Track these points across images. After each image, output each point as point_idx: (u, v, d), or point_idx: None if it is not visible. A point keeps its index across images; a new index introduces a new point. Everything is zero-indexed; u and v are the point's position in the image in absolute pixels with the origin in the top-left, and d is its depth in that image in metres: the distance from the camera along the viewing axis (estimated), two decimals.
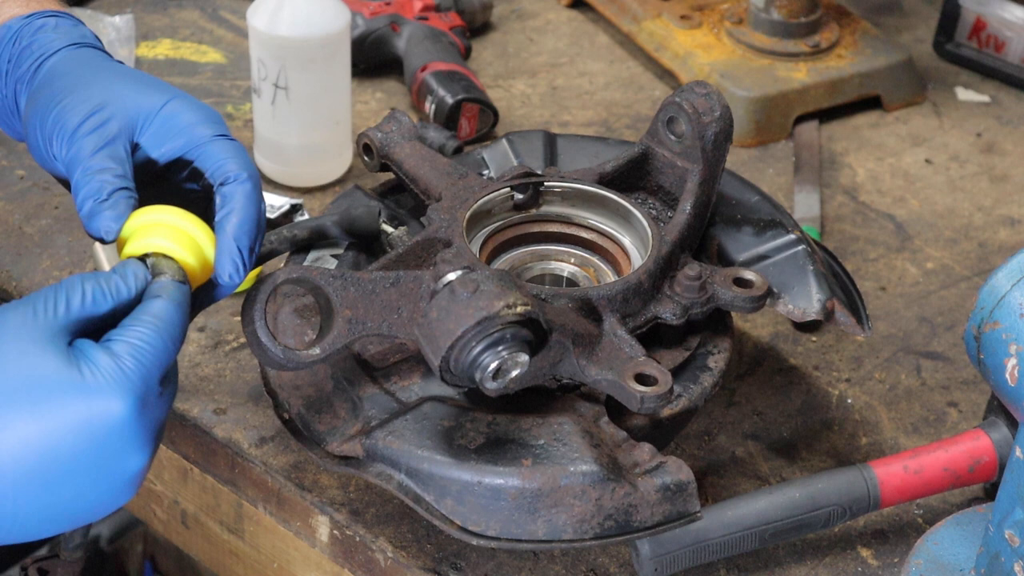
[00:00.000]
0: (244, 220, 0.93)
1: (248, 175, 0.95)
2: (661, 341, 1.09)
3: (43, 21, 1.03)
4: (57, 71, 0.99)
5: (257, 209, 0.95)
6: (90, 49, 1.02)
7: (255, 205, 0.94)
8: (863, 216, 1.49)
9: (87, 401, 0.81)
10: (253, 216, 0.94)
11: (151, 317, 0.85)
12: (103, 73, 0.99)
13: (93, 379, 0.81)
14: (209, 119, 0.98)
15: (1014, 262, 0.96)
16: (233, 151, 0.96)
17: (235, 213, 0.93)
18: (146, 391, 0.83)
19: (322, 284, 0.97)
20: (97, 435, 0.81)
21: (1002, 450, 1.09)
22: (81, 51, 1.01)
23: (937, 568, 1.04)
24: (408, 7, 1.63)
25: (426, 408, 1.01)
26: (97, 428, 0.81)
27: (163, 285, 0.88)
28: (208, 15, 1.74)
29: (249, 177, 0.95)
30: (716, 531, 1.04)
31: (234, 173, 0.95)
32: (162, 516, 1.29)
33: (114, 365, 0.82)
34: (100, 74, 0.98)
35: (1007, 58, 1.71)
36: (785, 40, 1.64)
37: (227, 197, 0.94)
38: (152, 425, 0.84)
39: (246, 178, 0.95)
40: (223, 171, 0.95)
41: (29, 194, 1.43)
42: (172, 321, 0.86)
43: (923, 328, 1.34)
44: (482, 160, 1.24)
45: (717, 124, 1.13)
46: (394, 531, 1.10)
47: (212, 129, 0.97)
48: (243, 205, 0.94)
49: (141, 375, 0.83)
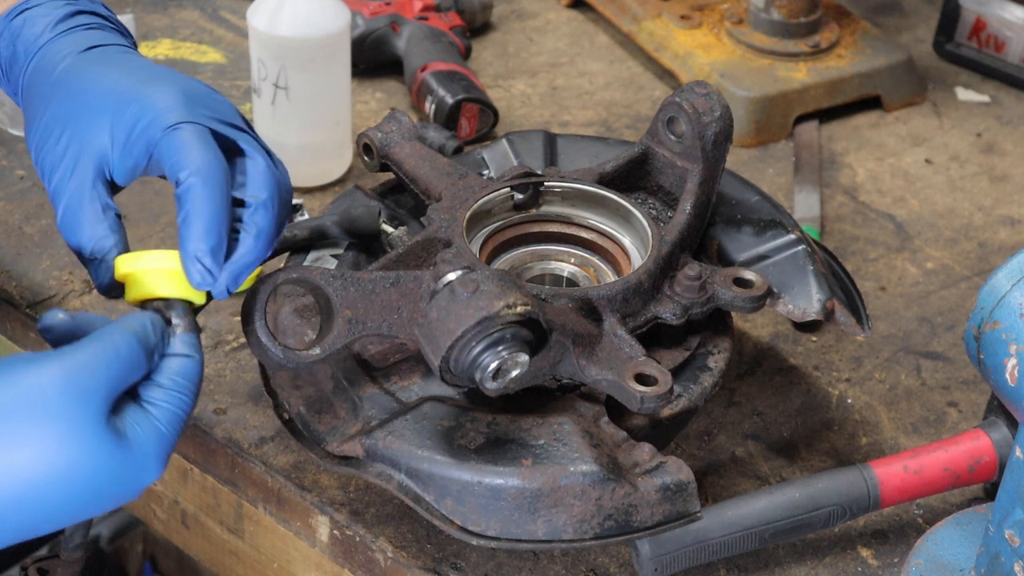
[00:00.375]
0: (198, 225, 0.89)
1: (194, 170, 0.89)
2: (661, 341, 1.09)
3: (22, 18, 1.00)
4: (33, 87, 0.98)
5: (212, 207, 0.89)
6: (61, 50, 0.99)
7: (209, 204, 0.89)
8: (863, 216, 1.49)
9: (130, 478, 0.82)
10: (209, 216, 0.89)
11: (186, 381, 0.86)
12: (71, 97, 0.96)
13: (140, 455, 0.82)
14: (170, 108, 0.93)
15: (1014, 262, 0.96)
16: (181, 144, 0.91)
17: (189, 219, 0.89)
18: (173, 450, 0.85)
19: (322, 284, 0.97)
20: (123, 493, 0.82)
21: (1002, 450, 1.09)
22: (52, 58, 0.98)
23: (937, 568, 1.04)
24: (408, 7, 1.63)
25: (426, 408, 1.01)
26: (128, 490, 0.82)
27: (185, 341, 0.88)
28: (208, 15, 1.74)
29: (195, 173, 0.89)
30: (716, 531, 1.04)
31: (184, 174, 0.90)
32: (162, 516, 1.29)
33: (157, 440, 0.83)
34: (67, 100, 0.96)
35: (1007, 58, 1.71)
36: (785, 40, 1.64)
37: (180, 201, 0.90)
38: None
39: (193, 176, 0.89)
40: (173, 172, 0.91)
41: (29, 194, 1.43)
42: (198, 381, 0.87)
43: (923, 328, 1.34)
44: (482, 160, 1.24)
45: (717, 124, 1.13)
46: (394, 531, 1.10)
47: (167, 119, 0.92)
48: (196, 208, 0.89)
49: (174, 441, 0.84)
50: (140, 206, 1.41)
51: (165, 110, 0.93)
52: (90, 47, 0.99)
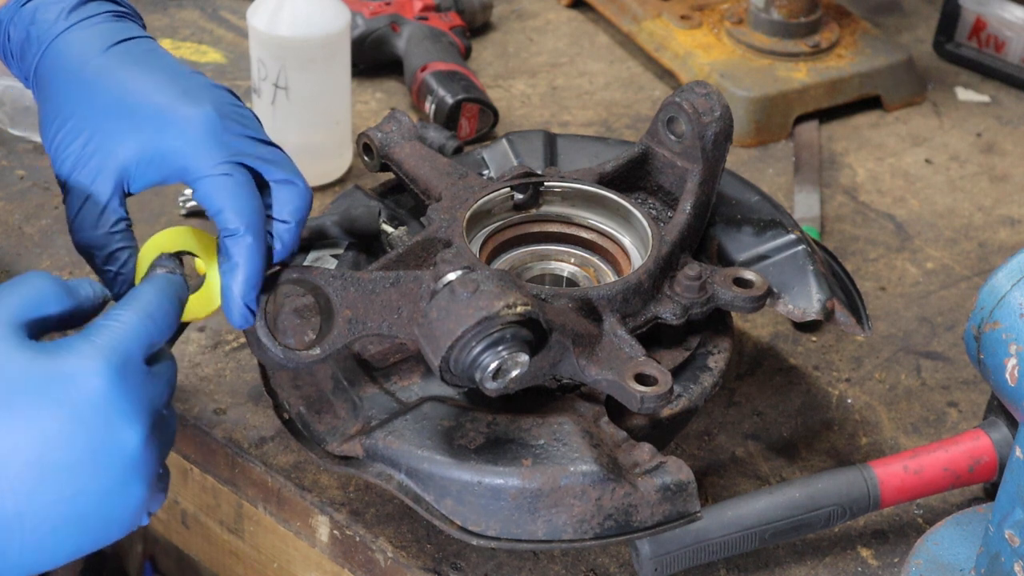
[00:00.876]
0: (248, 276, 0.94)
1: (246, 228, 0.93)
2: (661, 341, 1.09)
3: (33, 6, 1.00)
4: (55, 79, 0.98)
5: (260, 260, 0.94)
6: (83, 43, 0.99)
7: (256, 256, 0.94)
8: (863, 216, 1.49)
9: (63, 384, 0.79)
10: (258, 269, 0.94)
11: (127, 299, 0.85)
12: (103, 106, 0.96)
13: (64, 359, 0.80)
14: (207, 140, 0.95)
15: (1014, 262, 0.96)
16: (227, 197, 0.94)
17: (240, 269, 0.94)
18: (123, 362, 0.81)
19: (322, 284, 0.97)
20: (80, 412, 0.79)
21: (1002, 450, 1.09)
22: (75, 50, 0.98)
23: (937, 568, 1.04)
24: (408, 7, 1.63)
25: (426, 408, 1.01)
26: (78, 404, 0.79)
27: (151, 277, 0.89)
28: (208, 15, 1.74)
29: (247, 231, 0.93)
30: (716, 531, 1.04)
31: (232, 227, 0.94)
32: (162, 516, 1.29)
33: (83, 340, 0.81)
34: (99, 108, 0.96)
35: (1007, 58, 1.71)
36: (785, 40, 1.64)
37: (229, 251, 0.94)
38: (140, 399, 0.82)
39: (244, 233, 0.93)
40: (222, 222, 0.94)
41: (29, 194, 1.43)
42: (149, 300, 0.86)
43: (923, 328, 1.34)
44: (482, 160, 1.24)
45: (717, 124, 1.13)
46: (394, 531, 1.10)
47: (209, 160, 0.94)
48: (246, 260, 0.94)
49: (112, 346, 0.81)
50: (140, 205, 1.41)
51: (203, 144, 0.95)
52: (116, 42, 0.99)
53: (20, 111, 1.49)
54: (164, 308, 0.87)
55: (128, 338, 0.83)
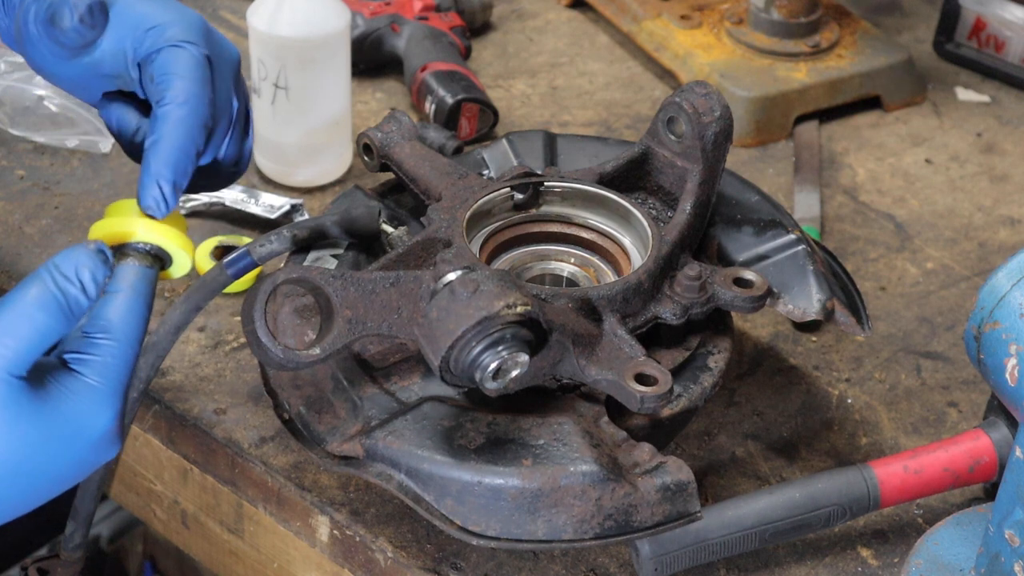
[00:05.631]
0: (169, 151, 0.86)
1: (185, 99, 0.86)
2: (661, 341, 1.09)
3: None
4: None
5: (187, 138, 0.86)
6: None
7: (185, 133, 0.86)
8: (863, 216, 1.49)
9: (70, 444, 0.77)
10: (180, 145, 0.86)
11: (119, 322, 0.80)
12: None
13: (71, 416, 0.77)
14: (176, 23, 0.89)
15: (1014, 262, 0.96)
16: (179, 66, 0.87)
17: (161, 142, 0.86)
18: (121, 400, 0.80)
19: (322, 284, 0.97)
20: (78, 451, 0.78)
21: (1002, 450, 1.09)
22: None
23: (937, 568, 1.04)
24: (408, 7, 1.63)
25: (426, 408, 1.01)
26: (74, 458, 0.77)
27: (119, 273, 0.84)
28: (208, 15, 1.74)
29: (185, 101, 0.86)
30: (716, 531, 1.04)
31: (170, 94, 0.86)
32: (162, 516, 1.29)
33: (89, 396, 0.78)
34: None
35: (1007, 58, 1.71)
36: (785, 40, 1.64)
37: (157, 121, 0.86)
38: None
39: (182, 101, 0.86)
40: (160, 89, 0.87)
41: (29, 194, 1.43)
42: (135, 318, 0.82)
43: (923, 328, 1.34)
44: (482, 160, 1.24)
45: (717, 124, 1.13)
46: (394, 531, 1.10)
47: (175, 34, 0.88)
48: (170, 132, 0.86)
49: (117, 391, 0.79)
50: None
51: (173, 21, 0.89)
52: None
53: (20, 111, 1.49)
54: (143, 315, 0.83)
55: (123, 374, 0.80)
